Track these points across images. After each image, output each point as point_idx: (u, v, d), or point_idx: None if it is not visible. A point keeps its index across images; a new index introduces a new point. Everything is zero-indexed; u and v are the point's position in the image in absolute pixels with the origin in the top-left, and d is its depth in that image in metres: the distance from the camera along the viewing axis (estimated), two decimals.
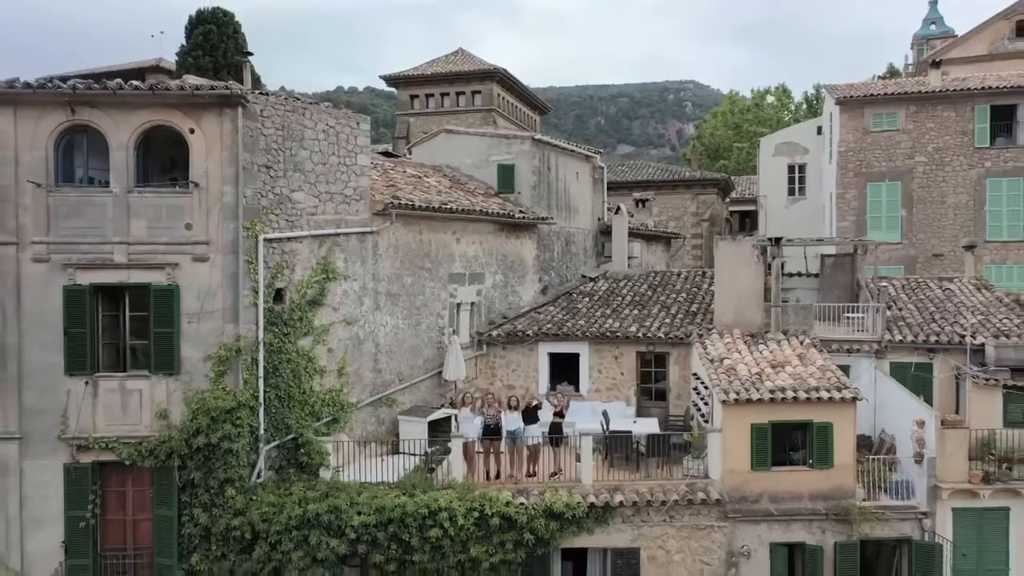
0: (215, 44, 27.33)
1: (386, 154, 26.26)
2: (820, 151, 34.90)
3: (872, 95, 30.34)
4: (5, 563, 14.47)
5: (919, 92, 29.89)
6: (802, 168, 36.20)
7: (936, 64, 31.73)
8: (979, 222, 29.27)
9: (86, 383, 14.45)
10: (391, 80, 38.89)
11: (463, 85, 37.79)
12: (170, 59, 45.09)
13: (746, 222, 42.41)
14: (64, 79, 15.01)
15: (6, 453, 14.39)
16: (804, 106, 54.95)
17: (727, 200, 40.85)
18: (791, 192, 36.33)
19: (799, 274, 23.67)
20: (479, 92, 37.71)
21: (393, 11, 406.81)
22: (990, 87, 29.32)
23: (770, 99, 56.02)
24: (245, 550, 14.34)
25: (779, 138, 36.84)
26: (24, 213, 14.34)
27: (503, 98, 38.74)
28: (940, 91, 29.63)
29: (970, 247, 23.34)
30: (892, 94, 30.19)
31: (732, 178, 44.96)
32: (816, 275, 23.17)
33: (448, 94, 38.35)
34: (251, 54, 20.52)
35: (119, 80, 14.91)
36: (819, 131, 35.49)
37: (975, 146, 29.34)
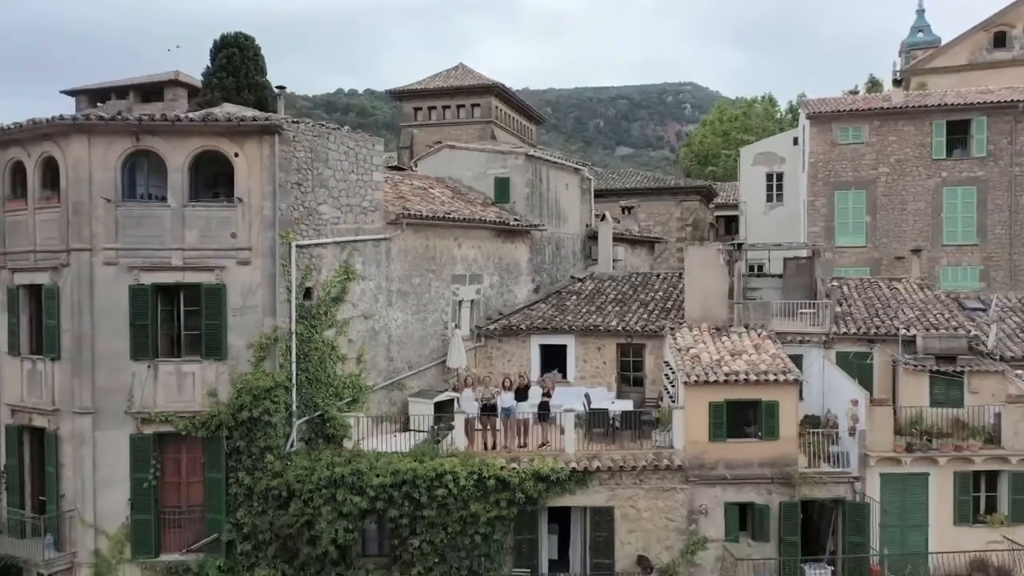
0: (237, 66, 30.28)
1: (394, 168, 29.12)
2: (796, 161, 37.81)
3: (839, 111, 33.32)
4: (82, 517, 17.39)
5: (882, 108, 32.84)
6: (780, 176, 39.12)
7: (898, 82, 34.77)
8: (936, 227, 32.23)
9: (148, 366, 17.38)
10: (396, 94, 41.83)
11: (463, 98, 40.71)
12: (186, 71, 48.43)
13: (731, 226, 45.30)
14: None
15: (82, 425, 17.33)
16: (789, 115, 57.87)
17: (712, 206, 43.77)
18: (769, 199, 39.25)
19: (767, 275, 26.60)
20: (478, 105, 40.63)
21: (393, 13, 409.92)
22: (946, 104, 32.29)
23: (757, 107, 58.93)
24: (282, 506, 17.23)
25: (758, 148, 39.77)
26: (96, 224, 17.27)
27: (501, 110, 41.66)
28: (901, 107, 32.58)
29: (916, 251, 26.30)
30: (857, 110, 33.16)
31: (718, 184, 47.89)
32: (781, 276, 26.09)
33: (449, 107, 41.28)
34: (283, 88, 23.38)
35: (177, 113, 17.78)
36: (795, 142, 38.40)
37: (933, 158, 32.29)
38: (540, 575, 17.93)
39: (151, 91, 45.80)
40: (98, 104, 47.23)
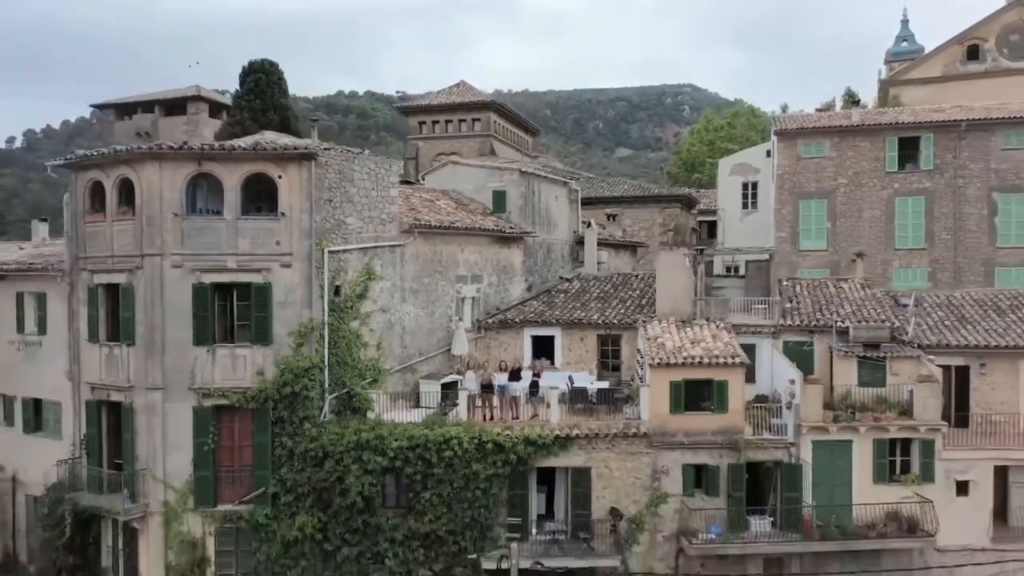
0: (264, 89, 34.29)
1: (405, 182, 33.12)
2: (768, 171, 41.70)
3: (803, 128, 37.35)
4: (153, 474, 21.41)
5: (841, 126, 36.85)
6: (754, 186, 43.09)
7: (856, 103, 38.80)
8: (889, 233, 36.20)
9: (207, 351, 21.39)
10: (403, 109, 45.91)
11: (464, 113, 44.80)
12: (204, 83, 52.60)
13: (713, 230, 49.28)
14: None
15: (155, 399, 21.35)
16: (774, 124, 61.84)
17: (695, 211, 47.80)
18: (745, 206, 43.21)
19: (733, 275, 30.63)
20: (478, 120, 44.73)
21: (392, 13, 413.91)
22: (898, 122, 36.31)
23: (741, 118, 62.91)
24: (318, 465, 21.22)
25: (735, 160, 43.75)
26: (166, 234, 21.29)
27: (499, 124, 45.74)
28: (858, 125, 36.59)
29: (859, 255, 30.33)
30: (819, 127, 37.18)
31: (702, 191, 51.91)
32: (743, 276, 30.11)
33: (451, 121, 45.38)
34: (316, 120, 27.38)
35: (233, 142, 21.76)
36: (768, 154, 42.32)
37: (886, 171, 36.24)
38: (530, 522, 21.90)
39: (175, 105, 50.10)
40: (125, 117, 51.47)
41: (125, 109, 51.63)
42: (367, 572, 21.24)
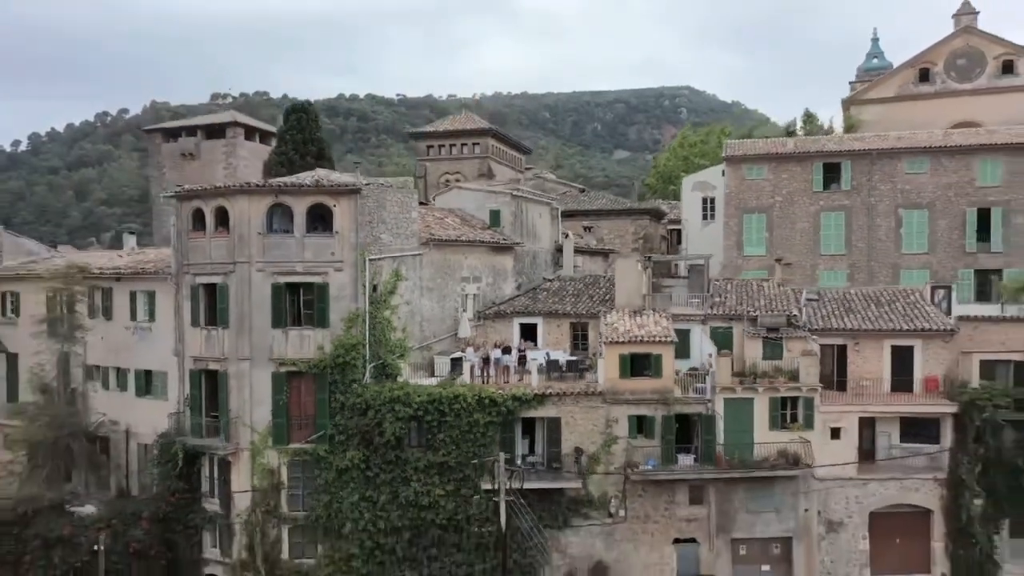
0: (304, 125, 42.98)
1: (421, 203, 41.73)
2: (722, 188, 50.35)
3: (747, 154, 46.04)
4: (243, 422, 30.08)
5: (777, 153, 45.54)
6: (712, 200, 51.59)
7: (791, 133, 47.36)
8: (816, 242, 44.83)
9: (282, 331, 30.06)
10: (414, 135, 54.66)
11: (466, 139, 53.57)
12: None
13: (680, 238, 57.89)
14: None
15: (243, 367, 30.02)
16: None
17: (664, 221, 56.48)
18: (704, 218, 51.73)
19: (680, 276, 39.27)
20: (478, 144, 53.46)
21: (392, 15, 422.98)
22: (822, 151, 45.00)
23: (712, 137, 71.53)
24: (362, 414, 29.84)
25: (696, 178, 52.35)
26: (252, 247, 29.95)
27: (495, 147, 54.47)
28: (791, 152, 45.29)
29: (778, 260, 39.02)
30: (760, 154, 45.86)
31: (674, 202, 60.54)
32: (687, 277, 38.79)
33: (455, 145, 54.09)
34: (359, 163, 36.09)
35: (301, 181, 30.40)
36: (723, 173, 50.96)
37: (813, 190, 44.87)
38: (516, 457, 30.52)
39: (214, 130, 58.94)
40: (171, 139, 60.33)
41: (171, 132, 60.40)
42: (397, 492, 29.86)
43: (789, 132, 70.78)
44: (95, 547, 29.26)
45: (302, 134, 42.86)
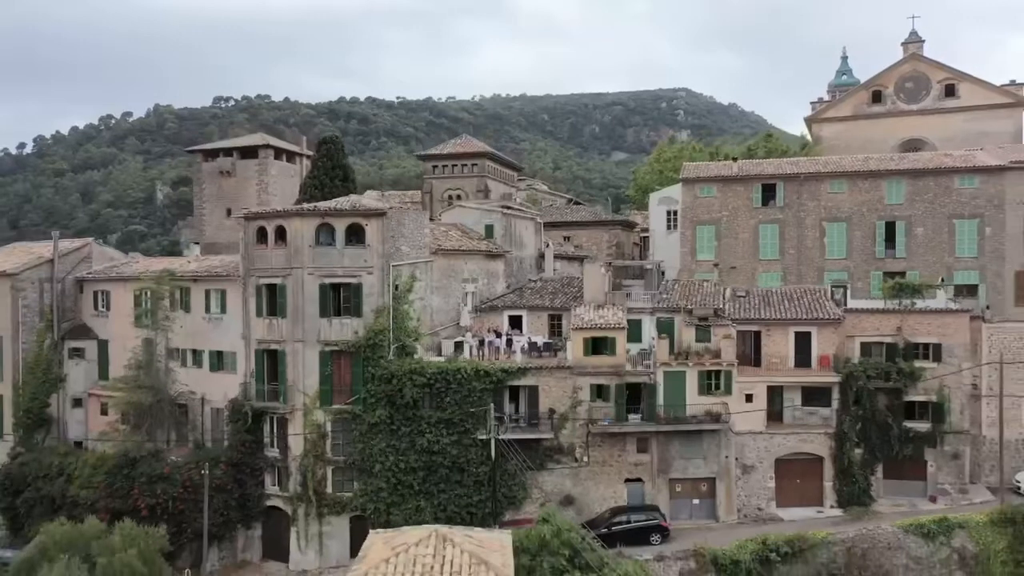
0: (333, 153, 53.51)
1: (430, 219, 52.23)
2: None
3: (699, 176, 56.53)
4: (297, 388, 40.58)
5: (723, 175, 56.03)
6: (674, 213, 62.04)
7: (734, 159, 57.88)
8: (756, 249, 55.30)
9: (327, 320, 40.63)
10: (421, 156, 65.18)
11: (466, 160, 64.10)
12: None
13: (649, 245, 68.30)
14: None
15: (298, 347, 40.60)
16: (710, 156, 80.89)
17: (636, 230, 66.98)
18: (668, 227, 62.19)
19: (636, 277, 49.80)
20: (476, 164, 63.98)
21: (392, 16, 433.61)
22: (761, 174, 55.50)
23: (685, 152, 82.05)
24: (387, 382, 40.36)
25: (661, 194, 62.81)
26: (304, 256, 40.46)
27: (491, 167, 65.02)
28: (735, 175, 55.77)
29: (716, 265, 49.53)
30: (710, 176, 56.35)
31: (645, 212, 70.95)
32: (643, 278, 49.32)
33: (456, 165, 64.62)
34: (384, 192, 46.66)
35: (341, 206, 40.94)
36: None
37: (753, 207, 55.36)
38: (504, 416, 40.98)
39: (248, 151, 69.39)
40: (210, 159, 70.70)
41: (210, 153, 70.90)
42: (414, 441, 40.34)
43: (750, 149, 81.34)
44: (186, 483, 39.72)
45: (331, 161, 53.38)
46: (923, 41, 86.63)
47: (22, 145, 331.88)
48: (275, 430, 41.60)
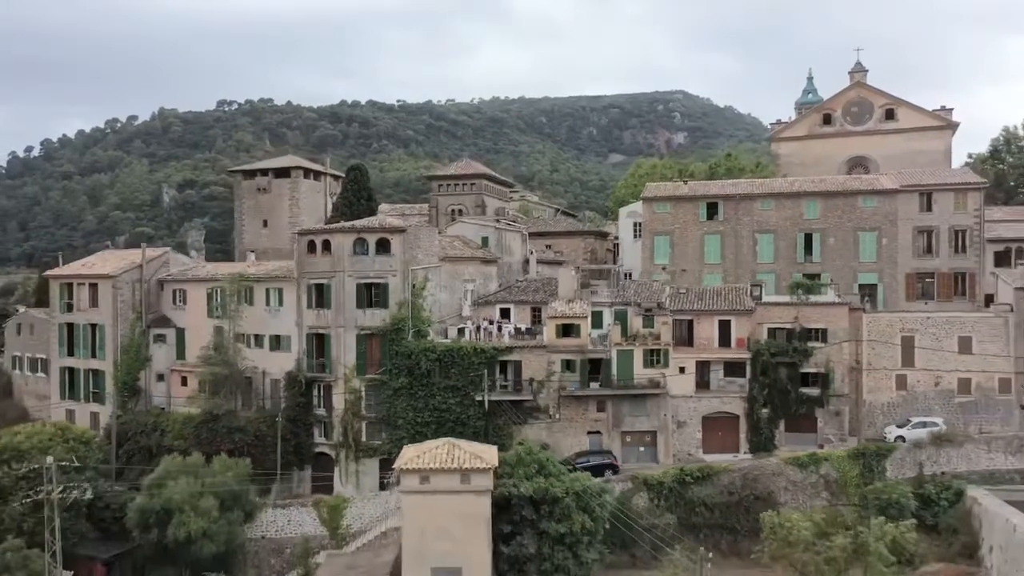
0: (359, 179, 68.44)
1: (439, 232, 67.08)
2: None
3: (656, 196, 71.41)
4: (340, 362, 55.49)
5: (675, 195, 70.90)
6: (640, 225, 76.92)
7: (685, 182, 72.82)
8: (702, 255, 70.11)
9: (362, 310, 55.58)
10: (429, 177, 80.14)
11: (466, 180, 79.07)
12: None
13: (619, 251, 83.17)
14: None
15: (340, 331, 55.59)
16: (679, 172, 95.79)
17: (610, 238, 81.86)
18: (634, 237, 77.00)
19: (602, 278, 64.76)
20: (474, 183, 78.95)
21: (392, 18, 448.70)
22: (706, 194, 70.37)
23: (657, 170, 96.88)
24: (408, 357, 55.35)
25: (628, 209, 77.67)
26: (344, 262, 55.44)
27: (488, 185, 79.99)
28: (684, 195, 70.65)
29: (663, 268, 64.43)
30: (665, 196, 71.22)
31: (616, 223, 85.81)
32: (607, 278, 64.24)
33: (458, 184, 79.58)
34: (405, 220, 61.52)
35: (372, 224, 55.98)
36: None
37: (700, 220, 70.21)
38: (496, 383, 55.82)
39: (281, 171, 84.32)
40: (248, 177, 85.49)
41: (248, 173, 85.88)
42: (428, 402, 55.20)
43: (712, 168, 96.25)
44: (256, 433, 54.58)
45: (357, 185, 68.23)
46: (867, 71, 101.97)
47: (29, 148, 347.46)
48: (322, 394, 56.50)
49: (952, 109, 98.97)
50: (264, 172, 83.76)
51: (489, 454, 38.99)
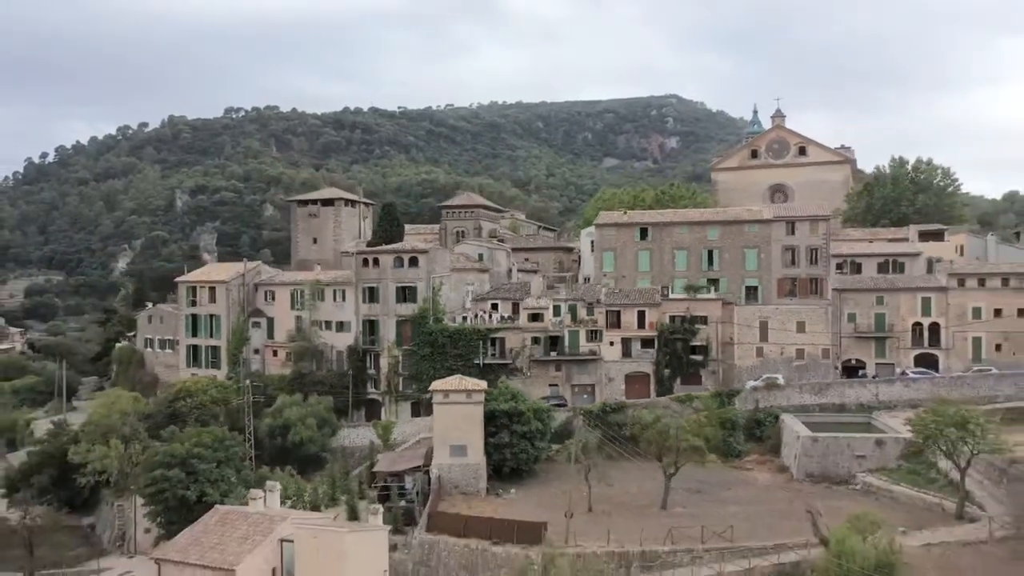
0: (391, 213, 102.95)
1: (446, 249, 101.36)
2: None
3: (605, 223, 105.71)
4: (385, 338, 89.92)
5: (618, 223, 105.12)
6: (594, 242, 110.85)
7: (625, 212, 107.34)
8: (636, 266, 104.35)
9: (400, 303, 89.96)
10: (440, 206, 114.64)
11: (467, 208, 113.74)
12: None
13: (581, 263, 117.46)
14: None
15: (385, 318, 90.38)
16: (634, 197, 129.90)
17: (574, 251, 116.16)
18: (592, 251, 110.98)
19: (563, 283, 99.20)
20: (473, 211, 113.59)
21: (392, 19, 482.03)
22: (640, 222, 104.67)
23: (622, 196, 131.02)
24: (430, 335, 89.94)
25: (587, 230, 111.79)
26: (388, 273, 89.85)
27: (484, 212, 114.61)
28: (624, 223, 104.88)
29: (605, 274, 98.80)
30: (612, 223, 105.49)
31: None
32: (565, 283, 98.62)
33: (460, 211, 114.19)
34: (426, 242, 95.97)
35: (405, 248, 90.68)
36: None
37: (636, 240, 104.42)
38: (488, 351, 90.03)
39: (328, 202, 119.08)
40: (301, 205, 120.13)
41: (302, 203, 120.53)
42: (443, 364, 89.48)
43: (662, 193, 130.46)
44: (331, 382, 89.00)
45: (390, 216, 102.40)
46: (785, 116, 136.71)
47: (44, 155, 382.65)
48: (373, 360, 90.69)
49: (851, 147, 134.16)
50: (314, 202, 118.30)
51: (482, 385, 73.07)
